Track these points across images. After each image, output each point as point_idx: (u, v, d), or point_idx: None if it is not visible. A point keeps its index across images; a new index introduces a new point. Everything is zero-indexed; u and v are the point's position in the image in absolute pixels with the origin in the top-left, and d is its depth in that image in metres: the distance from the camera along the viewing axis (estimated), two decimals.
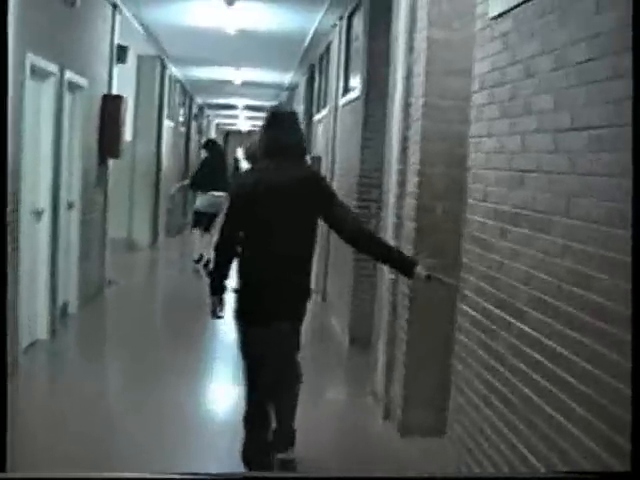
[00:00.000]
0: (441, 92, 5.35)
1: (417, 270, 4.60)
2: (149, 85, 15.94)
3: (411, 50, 5.73)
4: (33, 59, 6.84)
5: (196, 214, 13.57)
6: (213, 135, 36.92)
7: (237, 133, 47.53)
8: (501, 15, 3.86)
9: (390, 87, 6.54)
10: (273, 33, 12.48)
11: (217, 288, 4.75)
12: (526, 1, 3.52)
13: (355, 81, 9.16)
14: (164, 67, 16.88)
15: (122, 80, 11.68)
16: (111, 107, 10.18)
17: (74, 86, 8.69)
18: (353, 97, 9.03)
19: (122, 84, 11.61)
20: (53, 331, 7.93)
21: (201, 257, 13.10)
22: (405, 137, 5.81)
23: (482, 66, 4.14)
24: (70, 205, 8.82)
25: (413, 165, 5.62)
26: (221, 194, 12.69)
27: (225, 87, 21.91)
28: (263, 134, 4.78)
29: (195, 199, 14.22)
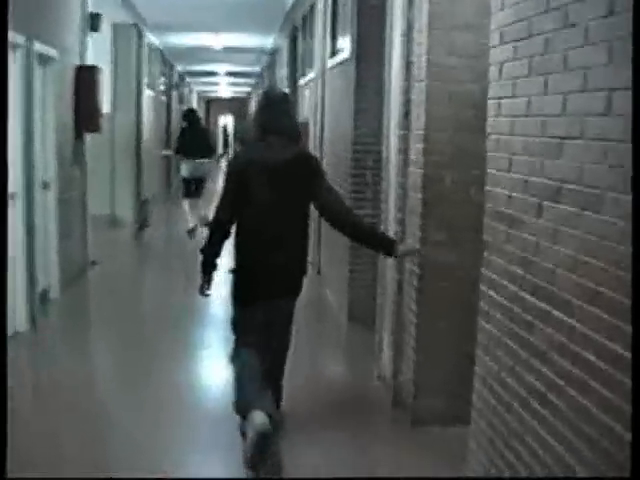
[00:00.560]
0: (447, 49, 4.82)
1: (400, 247, 4.94)
2: (126, 54, 15.35)
3: (411, 3, 5.18)
4: None
5: (184, 181, 13.77)
6: (195, 103, 36.38)
7: (219, 100, 47.03)
8: None
9: (386, 46, 6.00)
10: None
11: (208, 266, 4.85)
12: None
13: (344, 42, 8.60)
14: (141, 35, 16.30)
15: (97, 50, 11.25)
16: (86, 78, 9.69)
17: (44, 58, 8.17)
18: (342, 59, 8.48)
19: (97, 54, 11.19)
20: (33, 321, 7.45)
21: (194, 228, 13.14)
22: (407, 100, 5.28)
23: (503, 17, 3.58)
24: (45, 185, 8.32)
25: (417, 130, 5.11)
26: (204, 160, 13.53)
27: (205, 53, 21.45)
28: (256, 115, 4.95)
29: (179, 168, 14.40)
